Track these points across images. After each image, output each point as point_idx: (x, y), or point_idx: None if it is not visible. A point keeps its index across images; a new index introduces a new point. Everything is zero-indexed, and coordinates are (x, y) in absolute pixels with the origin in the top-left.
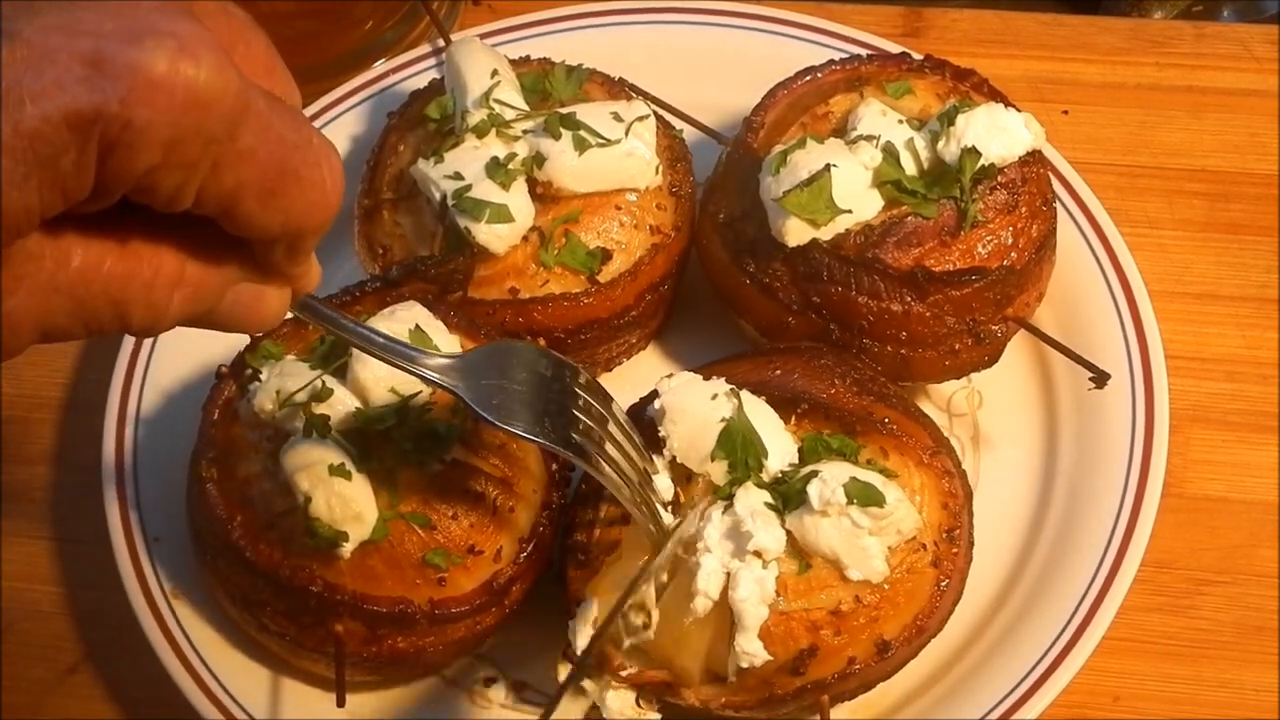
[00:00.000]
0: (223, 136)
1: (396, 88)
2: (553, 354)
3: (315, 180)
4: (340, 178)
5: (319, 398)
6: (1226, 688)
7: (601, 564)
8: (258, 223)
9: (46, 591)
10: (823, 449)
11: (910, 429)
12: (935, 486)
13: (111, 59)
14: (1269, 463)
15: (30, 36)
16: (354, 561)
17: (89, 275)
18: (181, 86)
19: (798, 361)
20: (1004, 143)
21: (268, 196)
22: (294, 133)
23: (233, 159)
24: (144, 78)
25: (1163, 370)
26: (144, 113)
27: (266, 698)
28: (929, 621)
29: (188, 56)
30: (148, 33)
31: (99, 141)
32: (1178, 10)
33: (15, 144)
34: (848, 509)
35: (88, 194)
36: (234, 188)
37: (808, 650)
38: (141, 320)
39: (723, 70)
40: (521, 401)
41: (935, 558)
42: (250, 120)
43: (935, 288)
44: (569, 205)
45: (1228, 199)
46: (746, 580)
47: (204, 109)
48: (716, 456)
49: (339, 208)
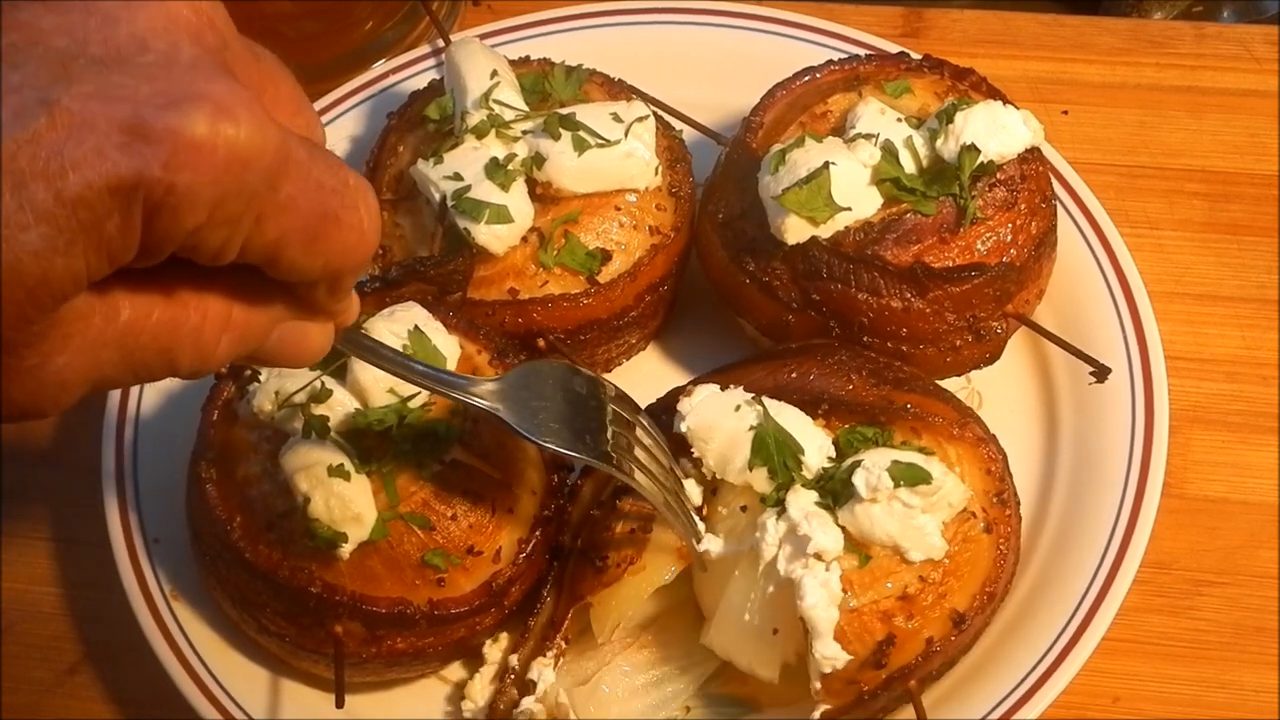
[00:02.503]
0: (265, 190)
1: (396, 88)
2: (583, 370)
3: (354, 223)
4: (377, 216)
5: (318, 399)
6: (1226, 688)
7: (622, 574)
8: (300, 267)
9: (46, 592)
10: (859, 440)
11: (933, 408)
12: (972, 455)
13: (151, 125)
14: (1269, 463)
15: (69, 104)
16: (353, 562)
17: (137, 328)
18: (223, 148)
19: (812, 361)
20: (1003, 140)
21: (310, 242)
22: (332, 177)
23: (275, 210)
24: (185, 142)
25: (1163, 370)
26: (187, 176)
27: (266, 699)
28: (996, 586)
29: (226, 117)
30: (185, 97)
31: (143, 206)
32: (1178, 10)
33: (58, 212)
34: (897, 492)
35: (134, 256)
36: (277, 237)
37: (885, 641)
38: (190, 365)
39: (722, 70)
40: (560, 418)
41: (987, 523)
42: (291, 170)
43: (935, 284)
44: (568, 206)
45: (1228, 199)
46: (811, 586)
47: (246, 167)
48: (754, 465)
49: (377, 245)
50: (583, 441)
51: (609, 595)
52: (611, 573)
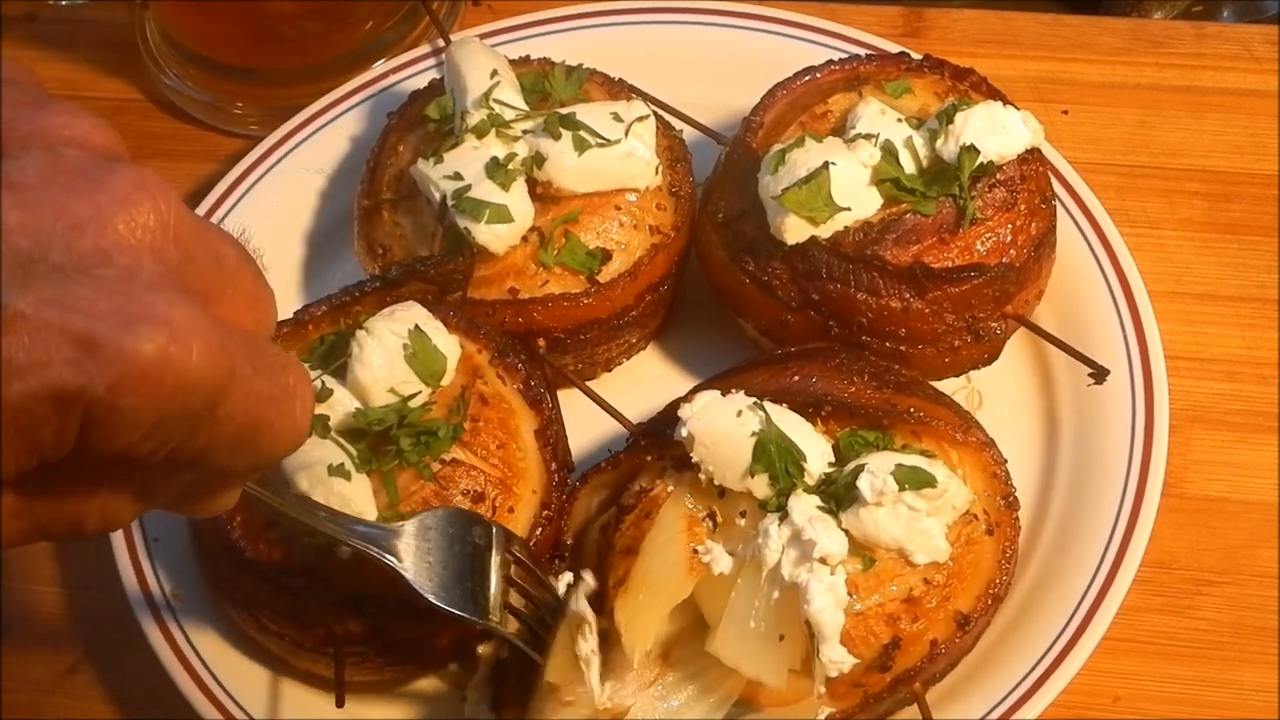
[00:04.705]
0: (204, 412)
1: (396, 88)
2: (483, 520)
3: (288, 424)
4: (311, 408)
5: (319, 398)
6: (1226, 688)
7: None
8: (225, 467)
9: (46, 591)
10: (859, 444)
11: (936, 413)
12: (975, 459)
13: (103, 344)
14: (1269, 463)
15: (24, 309)
16: (354, 562)
17: (52, 508)
18: (171, 376)
19: (813, 364)
20: (1002, 140)
21: (238, 447)
22: (272, 385)
23: (210, 425)
24: (134, 367)
25: (1163, 370)
26: (130, 400)
27: (266, 698)
28: (1000, 588)
29: (178, 344)
30: (141, 319)
31: (81, 418)
32: (1178, 10)
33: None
34: (902, 495)
35: (64, 459)
36: (206, 445)
37: (891, 644)
38: (95, 531)
39: (722, 70)
40: (453, 573)
41: (989, 525)
42: (233, 390)
43: (934, 284)
44: (569, 205)
45: (1228, 199)
46: (817, 590)
47: (189, 395)
48: (755, 471)
49: (309, 433)
50: (471, 600)
51: (634, 615)
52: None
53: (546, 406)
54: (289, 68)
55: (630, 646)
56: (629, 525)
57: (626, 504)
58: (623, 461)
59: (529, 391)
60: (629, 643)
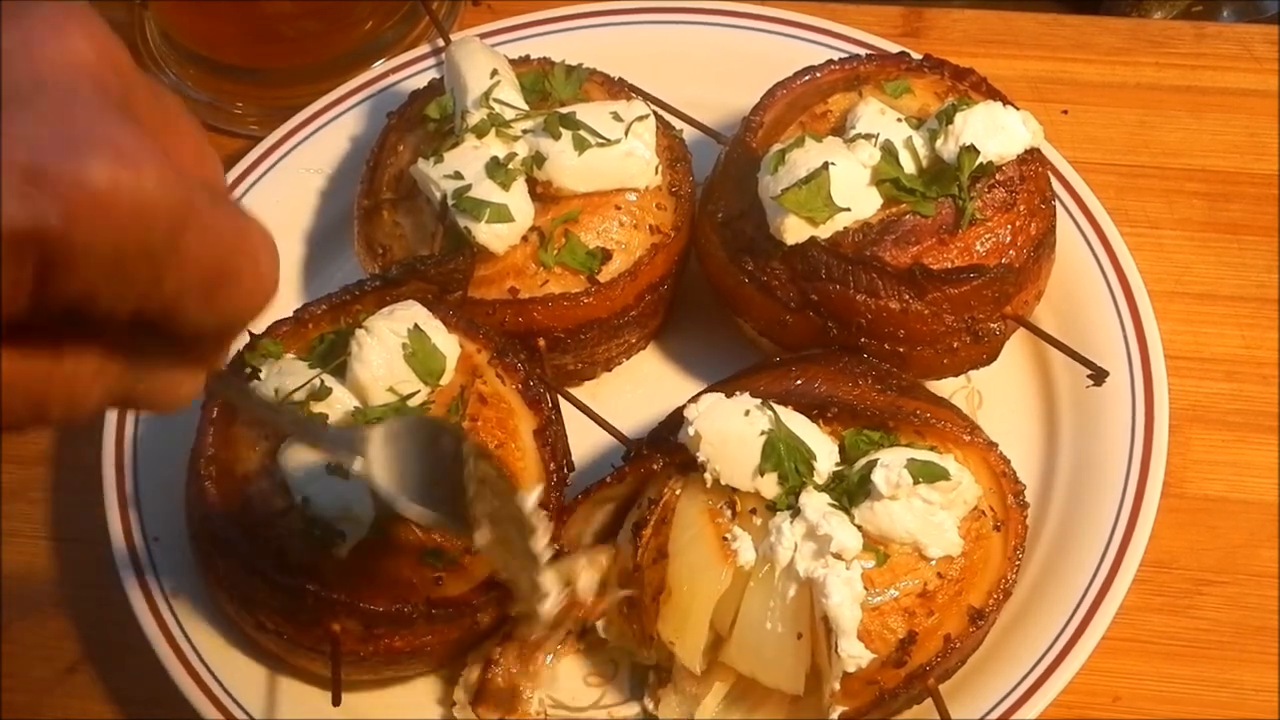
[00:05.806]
0: (165, 247)
1: (396, 88)
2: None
3: (253, 275)
4: (276, 265)
5: (317, 397)
6: (1226, 688)
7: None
8: (195, 323)
9: (46, 591)
10: (865, 444)
11: (941, 414)
12: (982, 458)
13: (50, 173)
14: (1269, 463)
15: None
16: (351, 561)
17: (11, 381)
18: (125, 200)
19: (817, 368)
20: (1002, 141)
21: (207, 298)
22: (233, 229)
23: (174, 266)
24: (84, 194)
25: (1162, 370)
26: (84, 230)
27: (264, 697)
28: (1010, 584)
29: (128, 166)
30: (85, 142)
31: (36, 259)
32: (1178, 10)
33: None
34: (916, 489)
35: (22, 312)
36: (175, 295)
37: (907, 638)
38: (59, 416)
39: (722, 70)
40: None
41: (997, 521)
42: (192, 223)
43: (933, 285)
44: (569, 205)
45: (1228, 199)
46: (835, 584)
47: (147, 222)
48: (764, 470)
49: (275, 295)
50: (448, 508)
51: (681, 623)
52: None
53: (545, 407)
54: (289, 68)
55: (687, 656)
56: (649, 536)
57: (641, 519)
58: (627, 474)
59: (528, 391)
60: (684, 653)
